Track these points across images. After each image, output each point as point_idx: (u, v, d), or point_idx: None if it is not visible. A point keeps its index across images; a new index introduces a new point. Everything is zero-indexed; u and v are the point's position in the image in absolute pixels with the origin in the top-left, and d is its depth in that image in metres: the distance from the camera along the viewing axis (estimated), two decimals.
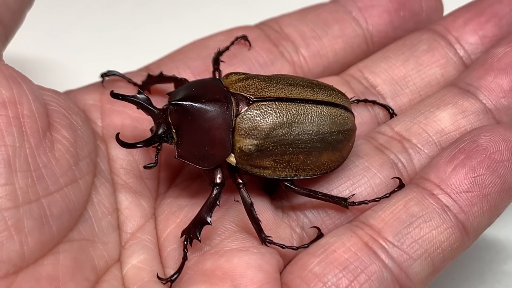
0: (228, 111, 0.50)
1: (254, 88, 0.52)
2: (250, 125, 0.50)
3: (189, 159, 0.51)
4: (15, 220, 0.43)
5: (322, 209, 0.53)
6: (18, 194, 0.44)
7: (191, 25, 0.84)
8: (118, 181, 0.53)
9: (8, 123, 0.45)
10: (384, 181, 0.53)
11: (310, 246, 0.50)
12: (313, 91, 0.53)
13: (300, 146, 0.51)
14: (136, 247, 0.51)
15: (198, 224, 0.49)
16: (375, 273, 0.47)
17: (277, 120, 0.51)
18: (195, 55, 0.60)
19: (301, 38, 0.62)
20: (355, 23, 0.63)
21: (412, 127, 0.55)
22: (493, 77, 0.55)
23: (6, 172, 0.44)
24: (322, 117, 0.52)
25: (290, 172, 0.51)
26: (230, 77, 0.53)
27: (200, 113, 0.50)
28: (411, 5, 0.63)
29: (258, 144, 0.50)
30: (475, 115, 0.55)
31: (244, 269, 0.47)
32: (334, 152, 0.52)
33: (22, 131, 0.45)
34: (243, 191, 0.50)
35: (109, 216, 0.51)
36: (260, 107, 0.51)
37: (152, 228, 0.52)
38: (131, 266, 0.50)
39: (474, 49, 0.60)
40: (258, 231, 0.50)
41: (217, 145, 0.50)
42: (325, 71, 0.61)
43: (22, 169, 0.44)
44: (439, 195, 0.49)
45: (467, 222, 0.49)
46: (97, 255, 0.49)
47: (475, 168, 0.49)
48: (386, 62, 0.60)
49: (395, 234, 0.48)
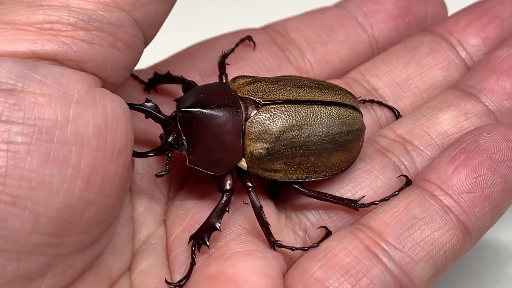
0: (238, 116, 0.50)
1: (262, 91, 0.52)
2: (260, 129, 0.50)
3: (201, 165, 0.50)
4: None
5: (324, 212, 0.52)
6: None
7: (192, 25, 0.84)
8: (133, 187, 0.52)
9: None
10: (386, 184, 0.53)
11: (311, 250, 0.50)
12: (321, 92, 0.53)
13: (310, 148, 0.51)
14: (145, 252, 0.51)
15: (207, 230, 0.49)
16: (377, 276, 0.47)
17: (286, 122, 0.51)
18: (202, 56, 0.59)
19: (307, 43, 0.62)
20: (360, 28, 0.63)
21: (414, 130, 0.55)
22: (496, 79, 0.55)
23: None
24: (331, 118, 0.52)
25: (301, 174, 0.51)
26: (237, 80, 0.53)
27: (209, 119, 0.49)
28: (416, 11, 0.63)
29: (268, 147, 0.50)
30: (477, 117, 0.54)
31: (248, 275, 0.47)
32: (344, 152, 0.52)
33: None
34: (252, 194, 0.50)
35: (126, 226, 0.51)
36: (269, 110, 0.51)
37: (162, 232, 0.52)
38: (139, 272, 0.50)
39: (476, 51, 0.60)
40: (267, 234, 0.49)
41: (228, 150, 0.50)
42: (330, 77, 0.61)
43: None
44: (440, 196, 0.49)
45: (469, 223, 0.49)
46: (114, 266, 0.49)
47: (476, 169, 0.49)
48: (387, 65, 0.60)
49: (397, 236, 0.48)
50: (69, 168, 0.40)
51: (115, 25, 0.43)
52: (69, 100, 0.41)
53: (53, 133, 0.40)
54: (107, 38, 0.43)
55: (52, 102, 0.40)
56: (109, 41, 0.43)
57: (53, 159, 0.40)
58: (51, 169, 0.40)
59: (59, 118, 0.40)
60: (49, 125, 0.40)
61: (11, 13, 0.41)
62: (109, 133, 0.43)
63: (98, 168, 0.42)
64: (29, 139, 0.39)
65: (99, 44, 0.43)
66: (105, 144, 0.42)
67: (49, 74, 0.41)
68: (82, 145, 0.41)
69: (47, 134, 0.40)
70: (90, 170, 0.41)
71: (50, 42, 0.41)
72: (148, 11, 0.45)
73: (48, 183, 0.40)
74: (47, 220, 0.40)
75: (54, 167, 0.40)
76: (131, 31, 0.44)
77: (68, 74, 0.42)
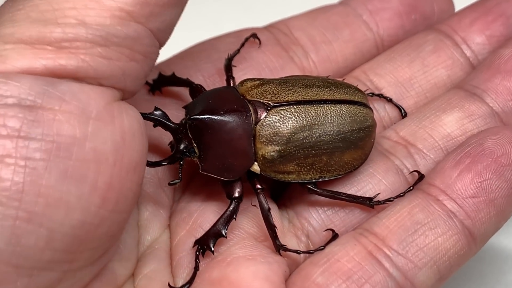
0: (248, 120, 0.50)
1: (271, 93, 0.51)
2: (270, 132, 0.50)
3: (214, 172, 0.50)
4: None
5: (327, 217, 0.52)
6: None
7: (193, 24, 0.83)
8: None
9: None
10: (389, 188, 0.52)
11: (313, 255, 0.49)
12: (330, 90, 0.52)
13: (322, 148, 0.51)
14: (149, 256, 0.50)
15: (213, 236, 0.49)
16: (380, 283, 0.46)
17: (297, 124, 0.50)
18: (205, 57, 0.59)
19: (311, 43, 0.61)
20: (365, 27, 0.62)
21: (417, 132, 0.54)
22: (500, 80, 0.54)
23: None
24: (341, 116, 0.51)
25: (314, 174, 0.51)
26: (245, 84, 0.52)
27: (220, 126, 0.49)
28: (422, 8, 0.62)
29: (280, 149, 0.50)
30: (482, 119, 0.54)
31: (251, 280, 0.47)
32: (356, 150, 0.52)
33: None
34: (261, 196, 0.50)
35: (132, 232, 0.50)
36: (279, 112, 0.50)
37: (166, 237, 0.52)
38: (142, 276, 0.49)
39: (481, 49, 0.59)
40: (274, 237, 0.49)
41: (240, 155, 0.50)
42: (334, 76, 0.60)
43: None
44: (444, 201, 0.49)
45: (474, 228, 0.48)
46: (120, 273, 0.48)
47: (481, 173, 0.48)
48: (391, 64, 0.59)
49: (400, 242, 0.48)
50: (86, 185, 0.40)
51: (132, 39, 0.43)
52: (87, 116, 0.41)
53: (72, 149, 0.40)
54: (125, 52, 0.43)
55: (71, 118, 0.40)
56: (127, 55, 0.43)
57: (70, 176, 0.39)
58: (68, 186, 0.39)
59: (77, 134, 0.40)
60: (67, 141, 0.39)
61: (28, 31, 0.41)
62: (127, 149, 0.42)
63: (114, 185, 0.41)
64: (47, 155, 0.39)
65: (117, 59, 0.42)
66: (122, 160, 0.42)
67: (68, 90, 0.40)
68: (100, 162, 0.41)
69: (65, 150, 0.39)
70: (106, 187, 0.41)
71: (69, 60, 0.41)
72: (162, 19, 0.44)
73: (65, 200, 0.39)
74: (61, 237, 0.40)
75: (71, 184, 0.39)
76: (148, 41, 0.44)
77: (87, 90, 0.41)
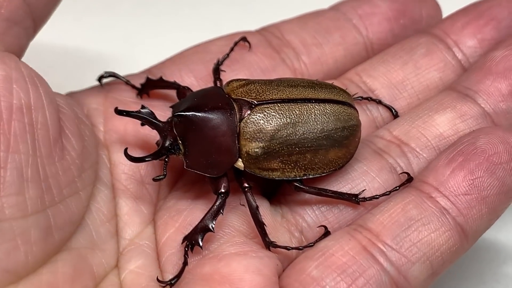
0: (232, 117, 0.50)
1: (256, 92, 0.52)
2: (254, 129, 0.51)
3: (198, 168, 0.51)
4: (22, 230, 0.43)
5: (321, 213, 0.53)
6: (27, 205, 0.44)
7: (191, 26, 0.84)
8: (119, 187, 0.53)
9: (23, 129, 0.44)
10: (383, 185, 0.53)
11: (308, 250, 0.50)
12: (314, 90, 0.53)
13: (306, 145, 0.51)
14: (134, 252, 0.51)
15: (201, 231, 0.49)
16: (374, 276, 0.47)
17: (281, 121, 0.51)
18: (197, 59, 0.60)
19: (302, 45, 0.62)
20: (355, 30, 0.63)
21: (410, 131, 0.55)
22: (492, 81, 0.55)
23: (18, 182, 0.43)
24: (325, 115, 0.52)
25: (299, 172, 0.52)
26: (231, 84, 0.53)
27: (204, 122, 0.50)
28: (411, 13, 0.63)
29: (264, 146, 0.51)
30: (473, 119, 0.55)
31: (242, 273, 0.47)
32: (340, 148, 0.52)
33: (35, 139, 0.45)
34: (249, 194, 0.50)
35: (107, 223, 0.51)
36: (263, 110, 0.51)
37: (151, 233, 0.52)
38: (128, 272, 0.50)
39: (472, 53, 0.60)
40: (263, 235, 0.50)
41: (224, 151, 0.50)
42: (325, 78, 0.61)
43: (33, 179, 0.44)
44: (437, 198, 0.49)
45: (466, 225, 0.49)
46: (95, 262, 0.49)
47: (474, 171, 0.49)
48: (384, 66, 0.60)
49: (394, 237, 0.48)
50: None
51: None
52: None
53: None
54: None
55: None
56: None
57: None
58: None
59: None
60: None
61: None
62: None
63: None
64: None
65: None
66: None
67: None
68: None
69: None
70: None
71: None
72: None
73: None
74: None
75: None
76: None
77: None
